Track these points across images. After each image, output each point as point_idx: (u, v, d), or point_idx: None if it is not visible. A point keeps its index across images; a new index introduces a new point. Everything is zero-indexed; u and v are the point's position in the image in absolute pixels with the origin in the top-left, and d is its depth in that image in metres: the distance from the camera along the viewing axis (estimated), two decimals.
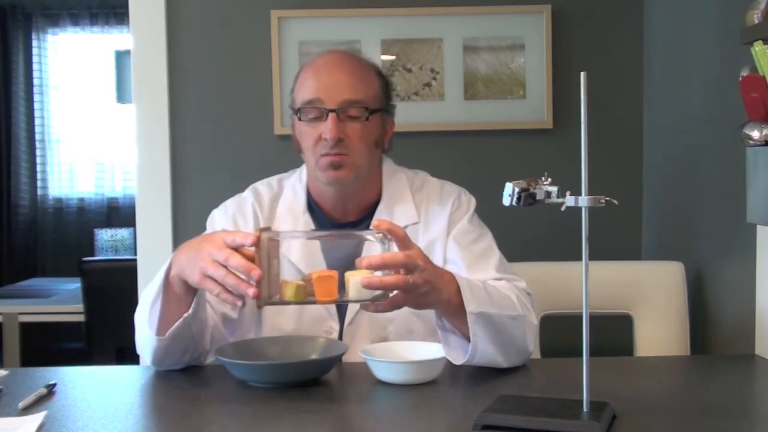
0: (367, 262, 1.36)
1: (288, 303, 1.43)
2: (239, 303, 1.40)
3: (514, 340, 1.55)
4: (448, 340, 1.52)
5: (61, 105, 5.74)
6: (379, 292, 1.39)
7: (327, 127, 1.62)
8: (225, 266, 1.39)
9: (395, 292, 1.40)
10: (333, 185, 1.67)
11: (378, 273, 1.38)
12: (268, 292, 1.40)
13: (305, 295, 1.41)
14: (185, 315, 1.49)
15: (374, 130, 1.67)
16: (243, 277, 1.39)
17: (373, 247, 1.54)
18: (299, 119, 1.67)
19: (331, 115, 1.62)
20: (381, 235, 1.41)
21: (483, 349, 1.49)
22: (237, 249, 1.40)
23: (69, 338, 4.35)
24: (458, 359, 1.50)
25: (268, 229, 1.43)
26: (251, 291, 1.36)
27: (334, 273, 1.41)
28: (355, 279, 1.39)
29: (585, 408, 1.22)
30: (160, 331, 1.50)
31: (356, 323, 1.66)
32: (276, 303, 1.44)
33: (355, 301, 1.45)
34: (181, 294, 1.48)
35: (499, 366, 1.54)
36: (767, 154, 1.56)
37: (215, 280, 1.39)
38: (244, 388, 1.46)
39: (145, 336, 1.54)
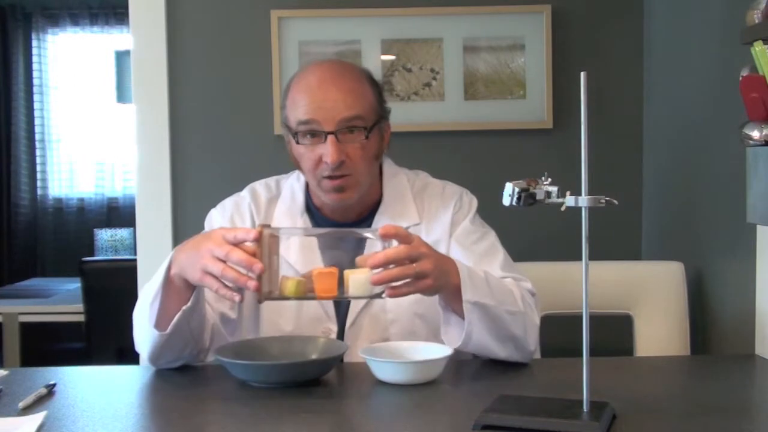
0: (372, 262, 1.38)
1: (287, 299, 1.45)
2: (237, 298, 1.40)
3: (513, 335, 1.55)
4: (449, 319, 1.54)
5: (61, 105, 5.74)
6: (379, 289, 1.41)
7: (327, 151, 1.58)
8: (224, 261, 1.39)
9: (400, 282, 1.41)
10: (336, 204, 1.67)
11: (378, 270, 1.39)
12: (269, 288, 1.42)
13: (305, 291, 1.43)
14: (184, 307, 1.49)
15: (374, 145, 1.65)
16: (243, 271, 1.39)
17: (374, 246, 1.55)
18: (297, 142, 1.64)
19: (330, 138, 1.58)
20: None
21: (478, 339, 1.51)
22: (237, 245, 1.41)
23: (69, 338, 4.34)
24: (453, 342, 1.52)
25: (267, 225, 1.44)
26: (252, 284, 1.37)
27: (335, 269, 1.43)
28: (354, 276, 1.41)
29: (585, 408, 1.22)
30: (160, 325, 1.51)
31: (358, 325, 1.66)
32: (276, 298, 1.45)
33: (355, 297, 1.47)
34: (182, 290, 1.49)
35: (497, 357, 1.56)
36: (767, 154, 1.56)
37: (215, 277, 1.40)
38: (244, 388, 1.46)
39: (145, 332, 1.54)
